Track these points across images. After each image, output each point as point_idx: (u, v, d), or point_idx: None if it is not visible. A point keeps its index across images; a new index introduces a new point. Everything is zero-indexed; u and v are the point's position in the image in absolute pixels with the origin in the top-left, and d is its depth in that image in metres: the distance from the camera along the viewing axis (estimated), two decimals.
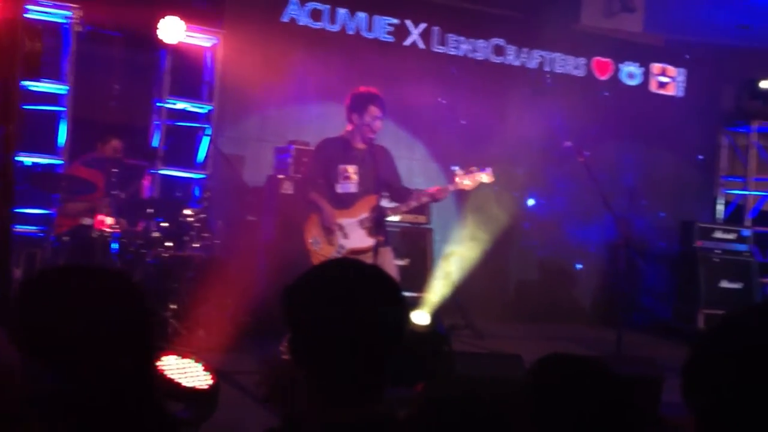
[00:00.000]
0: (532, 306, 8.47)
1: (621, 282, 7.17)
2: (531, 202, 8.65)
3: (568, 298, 8.86)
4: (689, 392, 1.22)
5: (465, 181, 5.37)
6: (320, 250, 5.22)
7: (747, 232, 8.52)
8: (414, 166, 7.95)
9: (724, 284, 8.11)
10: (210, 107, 7.32)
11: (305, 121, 7.48)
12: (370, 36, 7.90)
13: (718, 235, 8.32)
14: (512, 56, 8.52)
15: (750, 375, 1.16)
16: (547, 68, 8.69)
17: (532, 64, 8.62)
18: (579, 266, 8.89)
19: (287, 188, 6.60)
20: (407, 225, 7.11)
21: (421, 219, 7.26)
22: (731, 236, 8.36)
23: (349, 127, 5.37)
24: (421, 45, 8.12)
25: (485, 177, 5.41)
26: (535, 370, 1.66)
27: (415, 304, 6.10)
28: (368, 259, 4.95)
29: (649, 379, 4.17)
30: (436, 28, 8.18)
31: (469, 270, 7.81)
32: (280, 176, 6.73)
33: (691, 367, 1.23)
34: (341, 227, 5.29)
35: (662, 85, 9.28)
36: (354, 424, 1.54)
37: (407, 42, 8.07)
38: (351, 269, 1.65)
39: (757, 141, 9.47)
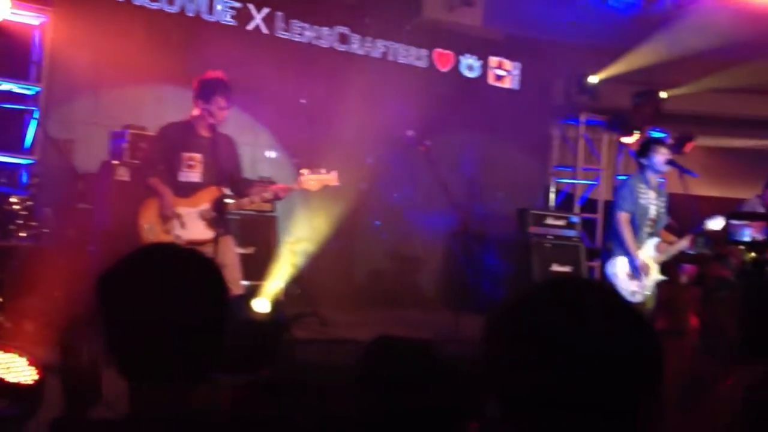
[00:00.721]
0: (378, 292, 8.59)
1: (460, 268, 7.41)
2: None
3: (413, 284, 9.05)
4: (483, 368, 1.25)
5: (310, 182, 5.41)
6: (155, 237, 5.03)
7: (575, 219, 9.02)
8: (258, 153, 7.86)
9: (555, 268, 8.55)
10: (38, 89, 6.86)
11: (142, 105, 7.19)
12: (212, 19, 7.69)
13: (550, 221, 8.76)
14: (356, 45, 8.58)
15: (522, 350, 1.18)
16: (390, 58, 8.82)
17: (377, 53, 8.72)
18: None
19: (122, 174, 6.33)
20: (251, 213, 7.00)
21: (266, 207, 7.17)
22: (561, 222, 8.83)
23: (196, 112, 5.22)
24: (265, 30, 8.00)
25: (331, 179, 5.48)
26: (362, 352, 1.68)
27: (257, 292, 6.04)
28: (207, 250, 4.87)
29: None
30: (279, 13, 8.09)
31: (315, 258, 7.82)
32: (115, 162, 6.44)
33: (481, 344, 1.25)
34: (179, 216, 5.13)
35: (499, 78, 9.65)
36: (171, 412, 1.49)
37: (250, 26, 7.92)
38: (163, 254, 1.60)
39: (585, 133, 10.07)
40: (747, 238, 2.13)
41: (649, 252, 6.45)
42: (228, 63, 6.94)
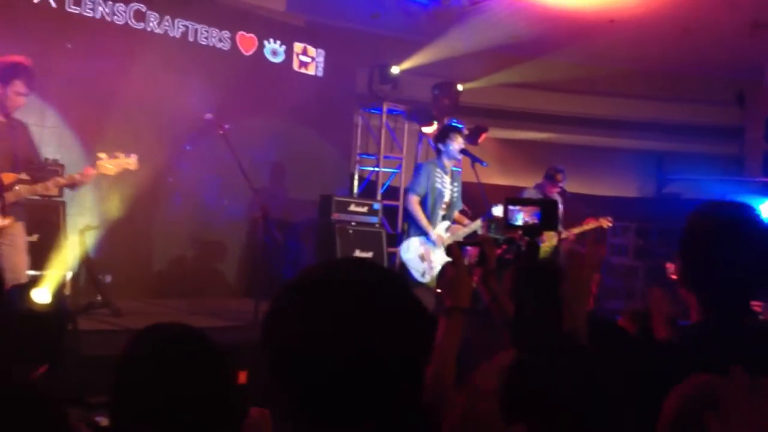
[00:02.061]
0: (179, 280, 8.36)
1: (260, 254, 7.36)
2: None
3: (214, 271, 8.89)
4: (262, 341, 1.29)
5: (108, 166, 5.28)
6: None
7: (378, 206, 9.24)
8: (45, 134, 7.35)
9: (358, 253, 8.71)
10: None
11: None
12: None
13: (353, 208, 8.90)
14: (154, 23, 8.25)
15: (295, 323, 1.23)
16: (191, 38, 8.56)
17: (176, 33, 8.43)
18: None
19: None
20: (36, 198, 6.52)
21: (53, 191, 6.73)
22: (364, 209, 9.00)
23: None
24: (53, 3, 7.48)
25: (130, 164, 5.39)
26: (129, 342, 1.64)
27: (40, 282, 5.68)
28: None
29: None
30: None
31: (110, 245, 7.47)
32: None
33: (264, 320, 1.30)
34: None
35: (304, 64, 9.66)
36: None
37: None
38: None
39: (387, 122, 10.32)
40: (520, 222, 2.30)
41: (440, 233, 6.80)
42: (11, 38, 6.47)
